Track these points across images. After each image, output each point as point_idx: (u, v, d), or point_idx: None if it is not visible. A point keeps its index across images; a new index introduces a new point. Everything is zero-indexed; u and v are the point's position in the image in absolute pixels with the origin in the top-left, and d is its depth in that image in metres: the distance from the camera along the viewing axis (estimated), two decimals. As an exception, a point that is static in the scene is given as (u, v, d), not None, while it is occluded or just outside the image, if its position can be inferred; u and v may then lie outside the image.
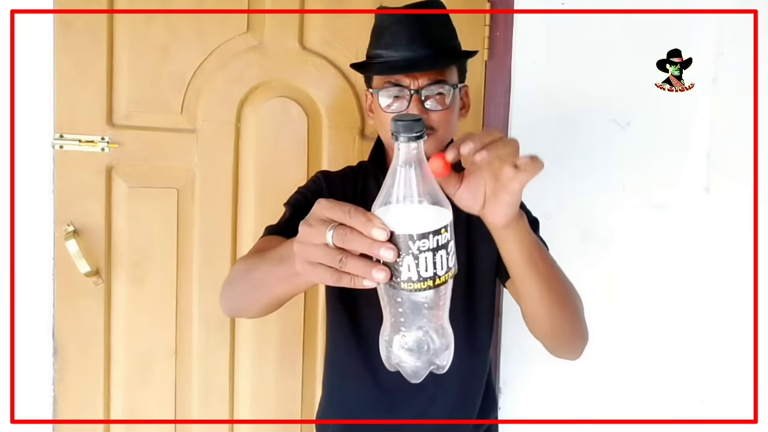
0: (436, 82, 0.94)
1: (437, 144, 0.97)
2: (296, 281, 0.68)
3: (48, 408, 1.40)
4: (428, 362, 0.58)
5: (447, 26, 1.00)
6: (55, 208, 1.35)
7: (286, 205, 1.04)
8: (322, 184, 1.06)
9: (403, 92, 0.94)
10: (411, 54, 0.94)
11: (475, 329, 1.06)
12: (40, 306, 1.37)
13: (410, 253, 0.51)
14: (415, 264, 0.51)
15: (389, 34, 0.96)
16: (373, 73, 0.99)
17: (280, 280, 0.71)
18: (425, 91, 0.94)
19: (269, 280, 0.74)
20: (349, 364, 1.06)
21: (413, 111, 0.93)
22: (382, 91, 0.96)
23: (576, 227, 1.49)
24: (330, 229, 0.53)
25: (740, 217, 1.49)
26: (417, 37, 0.94)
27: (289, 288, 0.72)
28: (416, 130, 0.52)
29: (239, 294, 0.84)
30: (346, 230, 0.53)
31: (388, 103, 0.96)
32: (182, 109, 1.37)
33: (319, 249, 0.55)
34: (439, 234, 0.51)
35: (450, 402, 1.04)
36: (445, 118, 0.96)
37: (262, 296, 0.78)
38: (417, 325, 0.55)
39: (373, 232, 0.51)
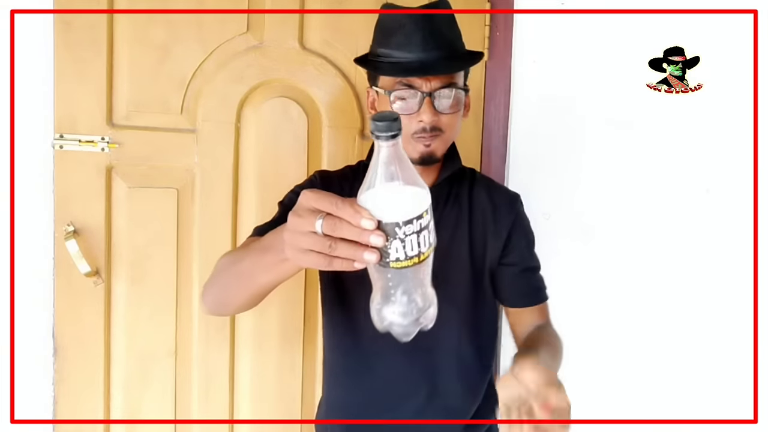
0: (448, 85, 0.95)
1: (443, 144, 0.98)
2: (282, 268, 0.71)
3: (48, 408, 1.40)
4: (416, 322, 0.65)
5: (454, 27, 1.00)
6: (55, 208, 1.35)
7: (279, 204, 1.05)
8: (317, 184, 1.06)
9: (415, 94, 0.94)
10: (425, 56, 0.94)
11: (477, 329, 1.06)
12: (40, 306, 1.37)
13: (397, 238, 0.57)
14: (401, 246, 0.57)
15: (402, 34, 0.95)
16: (386, 74, 0.98)
17: (265, 268, 0.74)
18: (437, 93, 0.94)
19: (254, 269, 0.76)
20: (348, 364, 1.06)
21: (425, 113, 0.94)
22: (394, 93, 0.96)
23: (576, 227, 1.49)
24: (319, 218, 0.57)
25: (740, 217, 1.49)
26: (429, 39, 0.94)
27: (274, 275, 0.75)
28: (395, 128, 0.56)
29: (223, 287, 0.86)
30: (335, 220, 0.57)
31: (399, 104, 0.96)
32: (182, 109, 1.37)
33: (309, 236, 0.59)
34: (421, 218, 0.57)
35: (449, 401, 1.04)
36: (454, 120, 0.98)
37: (247, 286, 0.81)
38: (403, 291, 0.62)
39: (362, 222, 0.55)
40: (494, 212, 1.07)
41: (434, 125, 0.95)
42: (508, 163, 1.47)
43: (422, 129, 0.95)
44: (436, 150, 0.98)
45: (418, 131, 0.96)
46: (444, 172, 1.06)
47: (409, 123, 0.96)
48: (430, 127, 0.95)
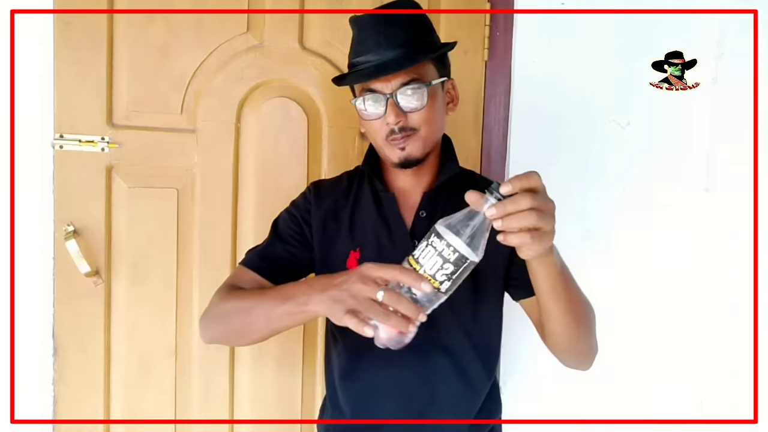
0: (410, 81, 0.93)
1: (420, 143, 0.97)
2: (299, 318, 0.83)
3: (48, 408, 1.40)
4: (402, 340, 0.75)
5: (418, 24, 0.97)
6: (55, 208, 1.35)
7: (273, 223, 1.09)
8: (311, 199, 1.08)
9: (378, 97, 0.94)
10: (378, 58, 0.94)
11: (479, 332, 1.06)
12: (40, 306, 1.37)
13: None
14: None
15: (357, 41, 0.98)
16: (347, 84, 1.00)
17: (282, 316, 0.84)
18: (400, 93, 0.93)
19: (272, 315, 0.85)
20: (349, 364, 1.06)
21: (390, 116, 0.93)
22: (359, 100, 0.97)
23: (576, 227, 1.49)
24: (381, 290, 0.70)
25: (740, 217, 1.49)
26: (383, 41, 0.94)
27: (290, 322, 0.85)
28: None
29: (231, 329, 0.94)
30: (397, 295, 0.71)
31: (366, 109, 0.96)
32: (182, 109, 1.37)
33: (365, 302, 0.71)
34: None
35: (451, 402, 1.04)
36: (425, 116, 0.95)
37: (261, 329, 0.89)
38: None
39: (422, 285, 0.69)
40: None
41: (403, 125, 0.94)
42: (508, 163, 1.47)
43: (391, 131, 0.95)
44: (412, 151, 0.96)
45: (389, 133, 0.95)
46: (441, 176, 1.05)
47: (380, 127, 0.96)
48: (399, 128, 0.94)
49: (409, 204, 1.05)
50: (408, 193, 1.06)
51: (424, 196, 1.04)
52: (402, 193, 1.06)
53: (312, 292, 0.79)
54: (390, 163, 1.00)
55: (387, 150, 0.98)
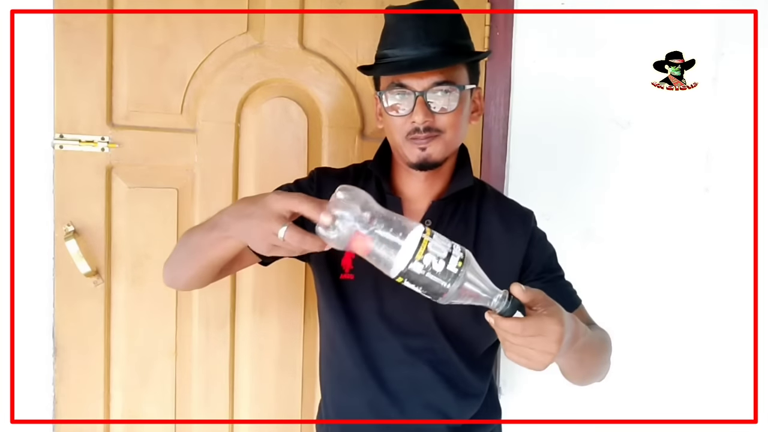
0: (443, 83, 0.90)
1: (443, 146, 0.94)
2: (226, 244, 0.82)
3: (48, 408, 1.40)
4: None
5: (457, 25, 0.96)
6: (55, 208, 1.35)
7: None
8: (314, 182, 1.06)
9: (408, 93, 0.91)
10: (415, 53, 0.90)
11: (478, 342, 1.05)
12: (40, 306, 1.37)
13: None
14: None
15: (394, 33, 0.94)
16: (377, 74, 0.97)
17: (212, 244, 0.83)
18: (430, 92, 0.90)
19: (203, 243, 0.85)
20: (347, 365, 1.05)
21: (417, 113, 0.90)
22: (386, 93, 0.93)
23: (576, 227, 1.49)
24: (284, 225, 0.69)
25: (740, 217, 1.49)
26: (422, 36, 0.90)
27: (220, 251, 0.84)
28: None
29: (178, 260, 0.94)
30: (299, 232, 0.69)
31: (393, 104, 0.93)
32: (182, 109, 1.37)
33: (271, 236, 0.70)
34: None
35: (449, 403, 1.04)
36: (453, 120, 0.93)
37: (197, 260, 0.89)
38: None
39: (321, 218, 0.66)
40: (506, 233, 1.02)
41: (429, 126, 0.91)
42: (508, 163, 1.47)
43: (415, 129, 0.91)
44: (433, 153, 0.93)
45: (411, 131, 0.92)
46: (453, 186, 1.01)
47: (403, 124, 0.93)
48: (424, 127, 0.91)
49: (414, 210, 1.02)
50: (415, 199, 1.02)
51: (432, 204, 1.01)
52: (409, 198, 1.02)
53: (231, 220, 0.78)
54: (406, 163, 0.96)
55: (406, 148, 0.94)
